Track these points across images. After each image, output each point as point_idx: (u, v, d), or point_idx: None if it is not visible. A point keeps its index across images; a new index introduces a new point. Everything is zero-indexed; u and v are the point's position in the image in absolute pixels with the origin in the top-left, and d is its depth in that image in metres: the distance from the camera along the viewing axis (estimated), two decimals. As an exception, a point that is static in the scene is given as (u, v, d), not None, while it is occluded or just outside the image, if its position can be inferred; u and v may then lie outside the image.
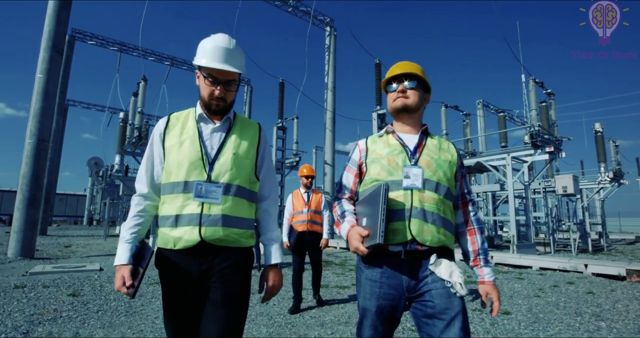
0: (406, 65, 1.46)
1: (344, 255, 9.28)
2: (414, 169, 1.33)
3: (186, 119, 1.36)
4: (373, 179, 1.36)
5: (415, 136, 1.42)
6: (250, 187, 1.36)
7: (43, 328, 3.00)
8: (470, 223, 1.38)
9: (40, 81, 8.73)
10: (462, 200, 1.40)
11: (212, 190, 1.25)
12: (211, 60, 1.27)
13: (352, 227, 1.31)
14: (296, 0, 14.48)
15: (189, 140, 1.30)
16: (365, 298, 1.33)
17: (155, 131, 1.37)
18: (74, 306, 3.77)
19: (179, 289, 1.25)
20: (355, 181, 1.45)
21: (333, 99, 14.93)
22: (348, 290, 4.90)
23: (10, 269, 6.32)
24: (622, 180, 16.35)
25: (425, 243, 1.26)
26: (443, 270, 1.24)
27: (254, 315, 3.51)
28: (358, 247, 1.24)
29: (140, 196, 1.31)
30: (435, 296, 1.23)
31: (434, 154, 1.38)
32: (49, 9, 9.10)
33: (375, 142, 1.45)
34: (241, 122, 1.41)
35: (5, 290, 4.43)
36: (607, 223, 35.20)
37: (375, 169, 1.37)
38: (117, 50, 18.57)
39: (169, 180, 1.28)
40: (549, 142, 9.12)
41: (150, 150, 1.35)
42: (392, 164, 1.35)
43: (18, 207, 8.16)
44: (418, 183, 1.30)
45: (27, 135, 8.52)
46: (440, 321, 1.21)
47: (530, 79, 9.63)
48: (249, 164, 1.35)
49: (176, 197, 1.26)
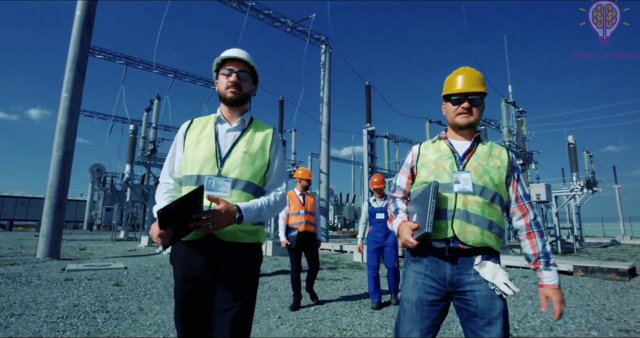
0: (473, 78, 1.46)
1: (338, 256, 10.32)
2: (463, 174, 1.39)
3: (207, 122, 1.51)
4: (422, 181, 1.46)
5: (467, 143, 1.48)
6: (260, 184, 1.45)
7: (113, 305, 4.02)
8: (529, 227, 1.38)
9: (65, 100, 9.74)
10: (518, 204, 1.42)
11: (221, 184, 1.35)
12: (226, 54, 1.51)
13: (403, 222, 1.40)
14: (294, 22, 15.67)
15: (206, 139, 1.44)
16: (407, 289, 1.39)
17: (179, 131, 1.53)
18: (123, 292, 4.77)
19: (187, 282, 1.33)
20: (408, 182, 1.55)
21: (328, 112, 16.07)
22: (340, 282, 5.95)
23: (45, 267, 7.25)
24: (595, 188, 17.69)
25: (468, 243, 1.31)
26: (487, 272, 1.28)
27: (259, 316, 4.18)
28: (408, 239, 1.31)
29: (164, 183, 1.50)
30: (479, 297, 1.28)
31: (482, 159, 1.42)
32: (73, 34, 10.12)
33: (427, 148, 1.53)
34: (256, 125, 1.54)
35: (59, 282, 5.41)
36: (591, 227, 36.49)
37: (424, 172, 1.46)
38: (124, 63, 19.58)
39: (184, 174, 1.43)
40: (519, 155, 10.31)
41: (173, 149, 1.52)
42: (439, 168, 1.43)
43: (46, 212, 9.11)
44: (469, 187, 1.36)
45: (54, 148, 9.49)
46: (481, 320, 1.26)
47: (502, 99, 10.85)
48: (259, 162, 1.44)
49: (188, 189, 1.35)
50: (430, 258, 1.36)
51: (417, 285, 1.35)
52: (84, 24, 10.09)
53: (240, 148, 1.42)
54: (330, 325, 3.40)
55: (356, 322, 3.50)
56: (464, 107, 1.43)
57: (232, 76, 1.45)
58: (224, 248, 1.32)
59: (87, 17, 10.20)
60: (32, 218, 32.41)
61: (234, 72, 1.46)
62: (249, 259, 1.38)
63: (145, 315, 3.61)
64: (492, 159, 1.43)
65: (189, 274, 1.33)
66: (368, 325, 3.41)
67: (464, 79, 1.45)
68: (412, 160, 1.54)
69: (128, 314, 3.64)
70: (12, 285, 5.08)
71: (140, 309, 3.86)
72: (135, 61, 19.96)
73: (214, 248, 1.31)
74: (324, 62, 16.87)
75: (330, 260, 9.21)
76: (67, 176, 9.55)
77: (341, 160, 39.99)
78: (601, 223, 34.04)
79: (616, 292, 5.25)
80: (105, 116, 26.89)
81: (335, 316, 3.73)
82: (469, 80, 1.45)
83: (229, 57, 1.48)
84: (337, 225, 35.11)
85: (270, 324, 3.40)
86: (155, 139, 10.57)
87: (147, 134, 11.22)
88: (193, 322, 1.32)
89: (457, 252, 1.32)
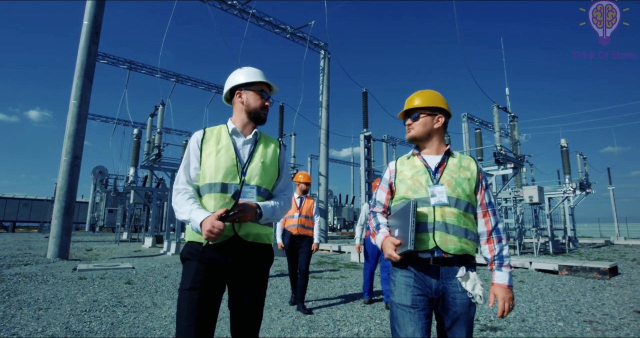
0: (412, 99, 1.65)
1: (336, 257, 10.70)
2: (438, 187, 1.49)
3: (219, 133, 1.61)
4: (401, 197, 1.56)
5: (438, 157, 1.59)
6: (271, 190, 1.63)
7: (128, 300, 4.41)
8: (489, 234, 1.50)
9: (74, 106, 10.12)
10: (482, 211, 1.53)
11: (247, 190, 1.49)
12: (263, 77, 1.64)
13: (386, 237, 1.49)
14: (294, 28, 16.08)
15: (224, 149, 1.54)
16: (400, 294, 1.46)
17: (192, 141, 1.59)
18: (135, 289, 5.15)
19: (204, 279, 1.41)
20: (388, 197, 1.64)
21: (327, 116, 16.47)
22: (337, 280, 6.33)
23: (57, 267, 7.62)
24: (589, 190, 18.09)
25: (449, 252, 1.42)
26: (469, 283, 1.40)
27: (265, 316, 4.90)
28: (391, 254, 1.41)
29: (184, 189, 1.53)
30: (459, 304, 1.41)
31: (453, 173, 1.53)
32: (81, 43, 10.51)
33: (403, 164, 1.63)
34: (264, 137, 1.69)
35: (74, 280, 5.79)
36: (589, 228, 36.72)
37: (402, 188, 1.56)
38: (127, 68, 20.00)
39: (206, 182, 1.51)
40: (510, 159, 10.70)
41: (187, 157, 1.57)
42: (416, 183, 1.53)
43: (56, 215, 9.48)
44: (444, 199, 1.46)
45: (62, 153, 9.88)
46: (458, 322, 1.42)
47: (494, 105, 11.25)
48: (272, 170, 1.62)
49: (213, 196, 1.48)
50: (417, 267, 1.46)
51: (410, 288, 1.44)
52: (91, 33, 10.49)
53: (258, 158, 1.57)
54: (326, 316, 3.79)
55: (349, 314, 3.90)
56: (407, 124, 1.64)
57: (267, 101, 1.64)
58: (247, 248, 1.47)
59: (94, 27, 10.59)
60: (35, 220, 32.81)
61: (269, 97, 1.65)
62: (265, 258, 1.55)
63: (160, 309, 4.00)
64: (462, 170, 1.55)
65: (212, 269, 1.43)
66: (359, 316, 3.81)
67: (406, 103, 1.67)
68: (390, 176, 1.63)
69: (144, 308, 4.03)
70: (31, 283, 5.46)
71: (154, 304, 4.24)
72: (139, 66, 20.39)
73: (239, 247, 1.46)
74: (322, 67, 17.28)
75: (329, 261, 9.59)
76: (75, 180, 9.93)
77: (340, 161, 40.42)
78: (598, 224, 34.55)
79: (594, 289, 5.64)
80: (107, 119, 27.25)
81: (330, 309, 4.13)
82: (408, 101, 1.66)
83: (267, 83, 1.65)
84: (337, 227, 35.43)
85: (272, 316, 3.79)
86: (160, 143, 10.97)
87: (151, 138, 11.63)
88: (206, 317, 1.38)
89: (441, 261, 1.43)
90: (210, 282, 1.41)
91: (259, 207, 1.46)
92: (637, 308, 4.33)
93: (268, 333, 3.21)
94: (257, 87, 1.62)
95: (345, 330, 3.33)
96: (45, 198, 32.83)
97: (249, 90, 1.62)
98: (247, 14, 14.77)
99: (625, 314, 4.02)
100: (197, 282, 1.40)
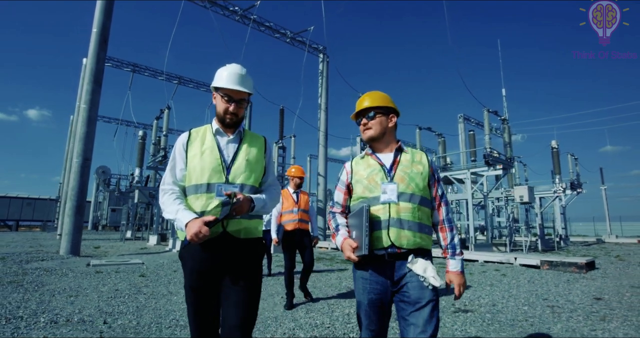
0: (364, 99, 1.69)
1: (334, 254, 11.24)
2: (390, 185, 1.54)
3: (204, 133, 1.64)
4: (359, 196, 1.61)
5: (391, 154, 1.63)
6: (258, 187, 1.65)
7: (146, 290, 4.94)
8: (442, 223, 1.60)
9: (84, 110, 10.64)
10: (437, 202, 1.61)
11: (230, 189, 1.51)
12: (228, 83, 1.58)
13: (344, 240, 1.55)
14: (294, 33, 16.60)
15: (209, 150, 1.58)
16: (359, 293, 1.57)
17: (178, 143, 1.63)
18: (150, 281, 5.68)
19: (202, 276, 1.48)
20: (345, 198, 1.69)
21: (325, 118, 17.00)
22: (333, 273, 6.86)
23: (72, 263, 8.13)
24: (579, 190, 18.66)
25: (403, 247, 1.49)
26: (418, 267, 1.47)
27: (266, 296, 5.44)
28: (350, 256, 1.48)
29: (171, 189, 1.58)
30: (411, 288, 1.46)
31: (407, 168, 1.58)
32: (90, 50, 11.01)
33: (358, 164, 1.66)
34: (250, 135, 1.70)
35: (91, 274, 6.31)
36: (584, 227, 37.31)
37: (359, 188, 1.61)
38: (131, 70, 20.51)
39: (192, 183, 1.55)
40: (500, 160, 11.25)
41: (173, 159, 1.61)
42: (372, 182, 1.57)
43: (68, 213, 10.00)
44: (394, 197, 1.52)
45: (74, 155, 10.40)
46: (412, 307, 1.45)
47: (484, 109, 11.80)
48: (257, 168, 1.63)
49: (200, 196, 1.52)
50: (373, 265, 1.53)
51: (366, 289, 1.53)
52: (100, 40, 10.99)
53: (242, 157, 1.60)
54: (322, 301, 4.34)
55: (342, 299, 4.45)
56: (363, 124, 1.67)
57: (231, 106, 1.58)
58: (239, 244, 1.51)
59: (102, 34, 11.10)
60: (38, 219, 33.28)
61: (234, 102, 1.59)
62: (257, 252, 1.60)
63: (176, 296, 4.53)
64: (415, 165, 1.59)
65: (205, 268, 1.48)
66: (351, 301, 4.35)
67: (357, 103, 1.70)
68: (348, 177, 1.68)
69: (161, 296, 4.56)
70: (53, 276, 5.98)
71: (169, 292, 4.78)
72: (142, 68, 20.89)
73: (231, 244, 1.50)
74: (321, 70, 17.79)
75: (327, 257, 10.13)
76: (86, 180, 10.44)
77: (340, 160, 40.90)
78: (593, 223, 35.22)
79: (567, 281, 6.18)
80: (110, 119, 27.72)
81: (326, 296, 4.67)
82: (359, 102, 1.69)
83: (231, 89, 1.58)
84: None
85: (276, 301, 4.33)
86: (166, 145, 11.50)
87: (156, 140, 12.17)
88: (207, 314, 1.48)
89: (395, 256, 1.50)
90: (204, 279, 1.49)
91: (252, 200, 1.52)
92: (598, 296, 4.87)
93: (271, 314, 3.74)
94: (222, 91, 1.61)
95: (338, 311, 3.87)
96: (49, 198, 33.31)
97: (217, 93, 1.64)
98: (249, 20, 15.27)
99: (585, 300, 4.56)
100: (192, 281, 1.50)
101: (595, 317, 3.73)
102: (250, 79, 1.66)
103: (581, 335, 3.15)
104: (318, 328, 3.26)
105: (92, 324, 3.26)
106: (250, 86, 1.64)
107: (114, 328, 3.15)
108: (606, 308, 4.16)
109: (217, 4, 14.60)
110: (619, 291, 5.22)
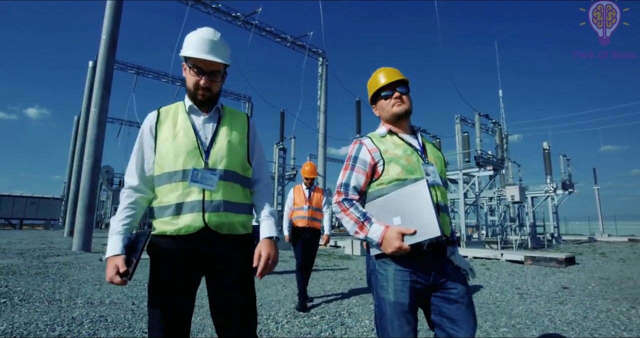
0: (393, 72, 1.51)
1: (332, 250, 11.81)
2: (430, 167, 1.40)
3: (176, 112, 1.41)
4: (394, 179, 1.37)
5: (413, 137, 1.50)
6: (244, 173, 1.42)
7: (161, 279, 5.49)
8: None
9: (94, 114, 11.19)
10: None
11: (208, 177, 1.31)
12: (197, 51, 1.32)
13: (387, 228, 1.29)
14: (294, 37, 17.15)
15: (183, 131, 1.35)
16: (397, 291, 1.29)
17: (145, 125, 1.39)
18: (163, 273, 6.23)
19: (173, 274, 1.28)
20: (367, 181, 1.43)
21: (324, 119, 17.57)
22: (330, 266, 7.43)
23: (85, 258, 8.68)
24: (571, 190, 19.24)
25: (447, 234, 1.33)
26: (459, 260, 1.38)
27: (269, 284, 6.02)
28: (401, 246, 1.23)
29: (130, 188, 1.34)
30: (454, 282, 1.32)
31: (433, 151, 1.50)
32: (100, 56, 11.55)
33: (382, 142, 1.45)
34: (230, 113, 1.48)
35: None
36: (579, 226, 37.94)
37: (395, 168, 1.37)
38: (135, 73, 21.08)
39: (164, 171, 1.32)
40: (490, 162, 11.82)
41: (140, 144, 1.38)
42: (410, 163, 1.38)
43: (80, 212, 10.56)
44: (437, 179, 1.39)
45: (85, 156, 10.95)
46: (461, 305, 1.29)
47: (475, 113, 12.35)
48: (241, 150, 1.41)
49: (175, 186, 1.30)
50: (412, 257, 1.30)
51: (406, 285, 1.29)
52: (109, 47, 11.53)
53: (222, 138, 1.38)
54: (318, 288, 4.91)
55: (336, 287, 5.01)
56: (396, 97, 1.46)
57: (202, 80, 1.35)
58: (220, 241, 1.31)
59: (111, 40, 11.64)
60: (42, 217, 33.83)
61: (205, 74, 1.35)
62: (245, 250, 1.37)
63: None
64: (435, 150, 1.52)
65: (175, 263, 1.29)
66: (344, 288, 4.92)
67: (385, 74, 1.50)
68: (373, 156, 1.42)
69: (176, 284, 5.12)
70: (72, 269, 6.53)
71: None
72: (145, 70, 21.46)
73: (211, 241, 1.30)
74: (320, 73, 18.35)
75: (325, 253, 10.71)
76: (96, 181, 11.00)
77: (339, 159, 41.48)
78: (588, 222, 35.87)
79: (545, 275, 6.73)
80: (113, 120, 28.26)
81: (322, 285, 5.24)
82: (389, 73, 1.50)
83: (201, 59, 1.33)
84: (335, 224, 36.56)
85: (278, 289, 4.90)
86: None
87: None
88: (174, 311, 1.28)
89: (436, 245, 1.32)
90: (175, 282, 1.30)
91: (271, 237, 1.38)
92: (566, 285, 5.44)
93: (274, 299, 4.30)
94: (191, 62, 1.35)
95: (332, 297, 4.43)
96: (52, 197, 33.86)
97: (186, 64, 1.38)
98: (251, 25, 15.82)
99: (553, 289, 5.13)
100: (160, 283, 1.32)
101: (555, 302, 4.30)
102: (227, 46, 1.42)
103: (537, 314, 3.71)
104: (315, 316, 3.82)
105: (122, 305, 3.82)
106: (225, 55, 1.39)
107: (142, 308, 3.71)
108: (568, 295, 4.72)
109: (221, 11, 15.14)
110: (586, 282, 5.78)
